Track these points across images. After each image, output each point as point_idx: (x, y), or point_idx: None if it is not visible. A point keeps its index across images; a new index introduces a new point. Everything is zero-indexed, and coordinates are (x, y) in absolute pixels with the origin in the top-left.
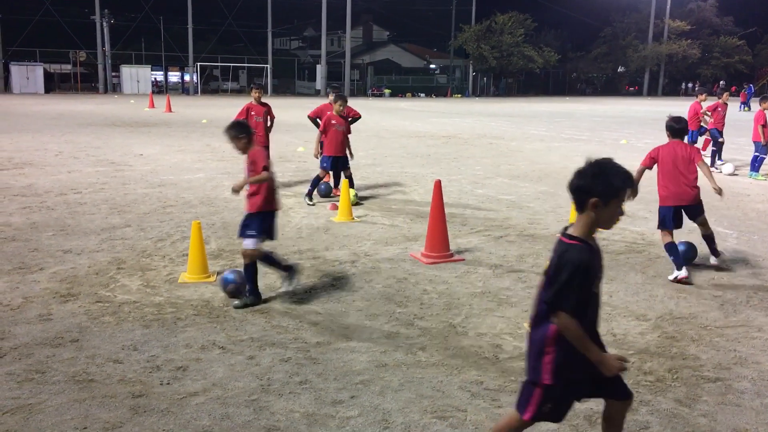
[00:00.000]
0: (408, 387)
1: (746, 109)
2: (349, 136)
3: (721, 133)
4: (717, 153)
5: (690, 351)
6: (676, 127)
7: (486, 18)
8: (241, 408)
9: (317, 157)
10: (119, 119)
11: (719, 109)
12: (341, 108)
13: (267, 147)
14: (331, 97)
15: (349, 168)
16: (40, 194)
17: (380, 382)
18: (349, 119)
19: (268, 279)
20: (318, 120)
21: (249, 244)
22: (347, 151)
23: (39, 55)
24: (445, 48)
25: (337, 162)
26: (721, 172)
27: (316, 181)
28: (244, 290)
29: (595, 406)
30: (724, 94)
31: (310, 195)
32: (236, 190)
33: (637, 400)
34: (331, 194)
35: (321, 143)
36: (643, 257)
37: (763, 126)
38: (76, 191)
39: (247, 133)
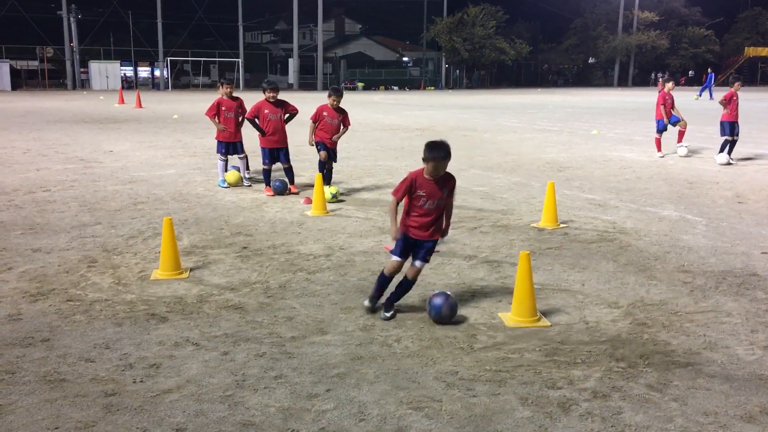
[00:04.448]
0: (383, 379)
1: (697, 97)
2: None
3: (732, 126)
4: (729, 148)
5: (661, 337)
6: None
7: (458, 10)
8: (216, 404)
9: (312, 145)
10: (88, 116)
11: (735, 98)
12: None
13: (240, 142)
14: (225, 89)
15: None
16: (8, 193)
17: (356, 374)
18: (287, 115)
19: (242, 274)
20: (218, 119)
21: None
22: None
23: (5, 51)
24: (418, 41)
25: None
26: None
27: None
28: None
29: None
30: (736, 84)
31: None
32: None
33: (610, 386)
34: (287, 191)
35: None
36: (614, 245)
37: None
38: (45, 189)
39: None
